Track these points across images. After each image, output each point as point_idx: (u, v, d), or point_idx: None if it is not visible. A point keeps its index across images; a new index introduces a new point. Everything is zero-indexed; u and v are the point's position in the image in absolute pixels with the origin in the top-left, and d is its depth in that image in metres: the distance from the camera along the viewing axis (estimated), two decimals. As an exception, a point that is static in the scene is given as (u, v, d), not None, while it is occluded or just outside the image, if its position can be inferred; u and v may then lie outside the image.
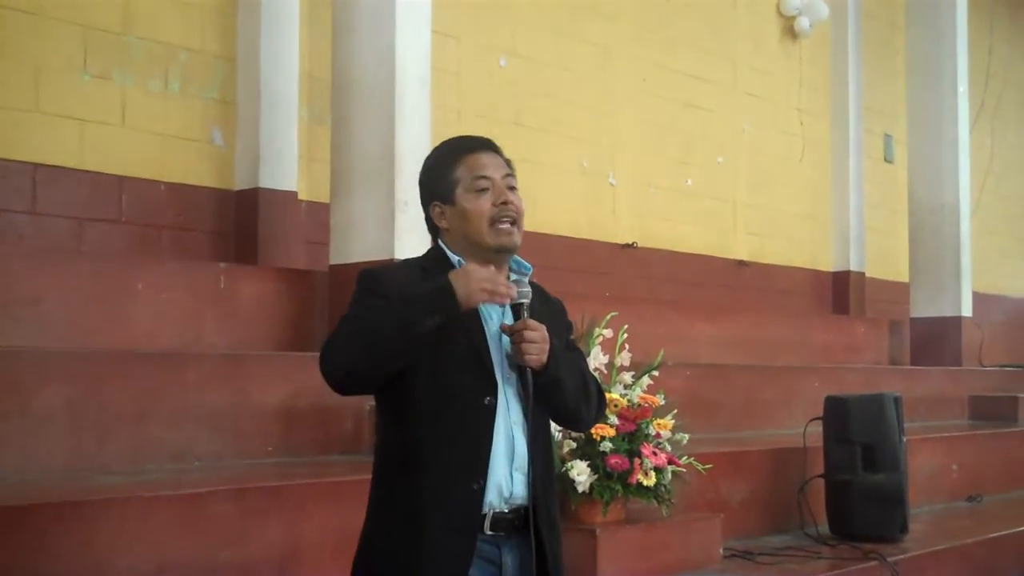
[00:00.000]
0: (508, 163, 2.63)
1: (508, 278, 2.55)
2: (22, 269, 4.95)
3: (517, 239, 2.56)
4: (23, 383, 3.98)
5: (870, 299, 11.40)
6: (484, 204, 2.53)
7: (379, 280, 2.50)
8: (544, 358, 2.45)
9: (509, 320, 2.51)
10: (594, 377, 2.76)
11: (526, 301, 2.48)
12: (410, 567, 2.41)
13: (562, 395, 2.55)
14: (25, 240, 5.73)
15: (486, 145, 2.62)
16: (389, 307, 2.37)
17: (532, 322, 2.46)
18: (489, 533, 2.47)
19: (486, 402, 2.45)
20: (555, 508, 2.60)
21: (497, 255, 2.55)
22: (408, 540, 2.42)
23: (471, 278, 2.36)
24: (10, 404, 3.91)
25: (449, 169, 2.57)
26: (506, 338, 2.48)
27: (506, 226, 2.53)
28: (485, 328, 2.51)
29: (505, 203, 2.53)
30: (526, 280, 2.52)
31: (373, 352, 2.35)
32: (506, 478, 2.47)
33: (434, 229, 2.63)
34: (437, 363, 2.43)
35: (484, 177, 2.54)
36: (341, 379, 2.42)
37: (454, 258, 2.55)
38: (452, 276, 2.37)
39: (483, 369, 2.47)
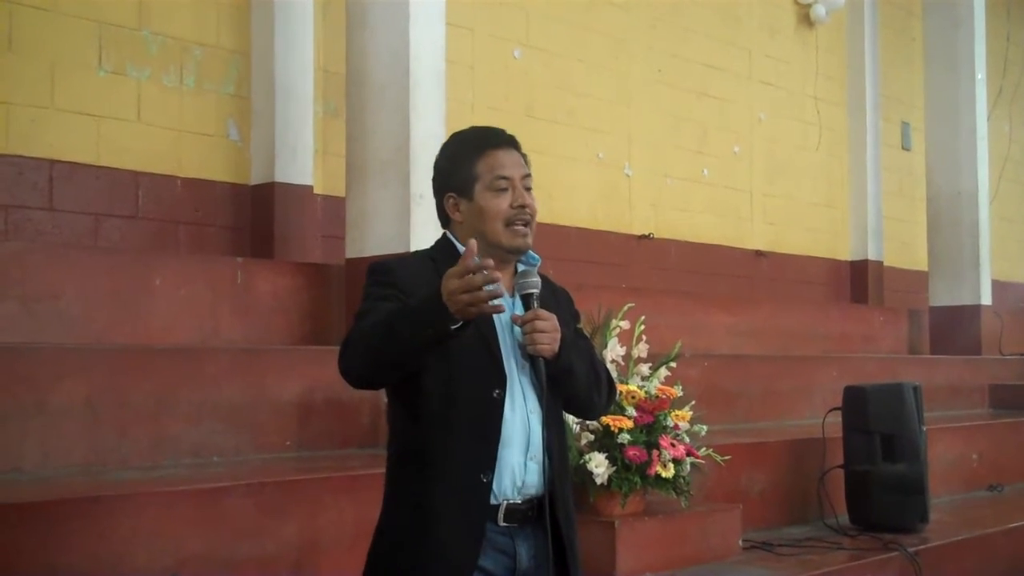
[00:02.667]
0: (526, 159, 2.63)
1: (516, 270, 2.58)
2: (40, 265, 4.96)
3: (530, 240, 2.57)
4: (41, 379, 4.00)
5: (888, 288, 11.35)
6: (502, 204, 2.53)
7: (388, 271, 2.52)
8: (556, 347, 2.46)
9: (519, 310, 2.52)
10: (604, 365, 2.77)
11: (535, 291, 2.48)
12: (419, 559, 2.42)
13: (574, 383, 2.56)
14: (42, 236, 5.75)
15: (508, 142, 2.61)
16: (393, 315, 2.34)
17: (543, 312, 2.46)
18: (503, 524, 2.47)
19: (495, 395, 2.45)
20: (571, 499, 2.61)
21: (508, 254, 2.56)
22: (417, 533, 2.43)
23: (447, 294, 2.24)
24: (29, 400, 3.92)
25: (469, 163, 2.56)
26: (518, 328, 2.48)
27: (520, 227, 2.54)
28: (495, 319, 2.50)
29: (523, 206, 2.54)
30: (535, 270, 2.54)
31: (381, 359, 2.37)
32: (519, 467, 2.47)
33: (445, 218, 2.63)
34: (447, 356, 2.42)
35: (504, 177, 2.54)
36: (356, 380, 2.46)
37: (462, 249, 2.54)
38: (443, 283, 2.26)
39: (493, 361, 2.47)
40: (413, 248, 5.25)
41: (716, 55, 9.82)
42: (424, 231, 5.33)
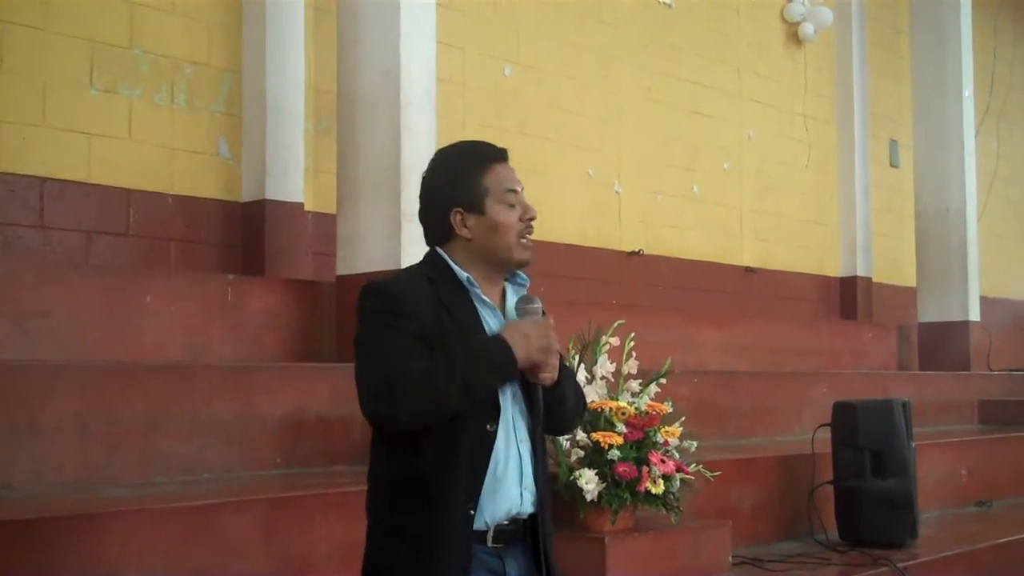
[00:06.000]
0: None
1: (504, 289, 2.59)
2: (31, 282, 4.96)
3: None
4: (32, 396, 4.00)
5: (877, 304, 11.38)
6: (513, 218, 2.52)
7: (392, 299, 2.44)
8: (556, 375, 2.48)
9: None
10: (578, 383, 2.80)
11: (537, 318, 2.49)
12: None
13: (565, 409, 2.60)
14: (33, 254, 5.75)
15: (506, 155, 2.60)
16: (449, 362, 2.33)
17: (546, 326, 2.47)
18: (491, 546, 2.48)
19: (488, 428, 2.45)
20: (551, 516, 2.62)
21: (514, 268, 2.56)
22: (417, 567, 2.41)
23: (531, 344, 2.40)
24: (20, 417, 3.92)
25: (476, 176, 2.53)
26: None
27: (527, 242, 2.54)
28: None
29: (532, 219, 2.55)
30: (537, 299, 2.53)
31: (436, 408, 2.34)
32: (516, 499, 2.49)
33: (443, 235, 2.57)
34: None
35: (513, 191, 2.54)
36: (399, 424, 2.39)
37: (462, 274, 2.51)
38: (509, 336, 2.39)
39: (489, 395, 2.45)
40: (404, 266, 5.26)
41: (705, 73, 9.87)
42: (415, 249, 5.29)
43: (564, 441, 4.43)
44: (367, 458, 2.58)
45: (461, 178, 2.54)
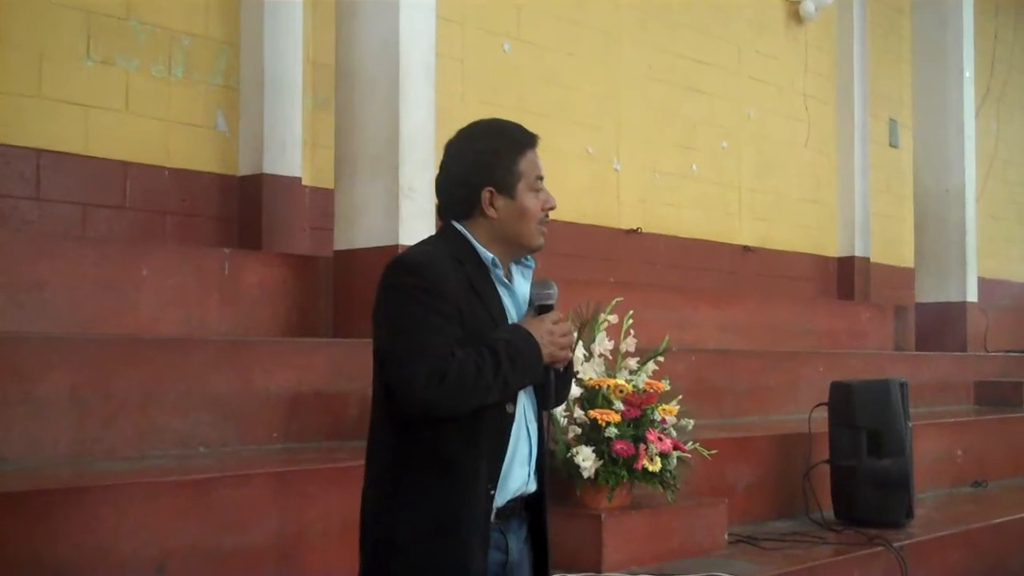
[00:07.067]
0: None
1: (510, 270, 2.58)
2: (26, 255, 4.94)
3: None
4: (27, 369, 3.98)
5: (875, 285, 11.39)
6: (538, 206, 2.54)
7: (432, 279, 2.40)
8: (570, 355, 2.53)
9: (519, 307, 2.56)
10: None
11: (554, 303, 2.52)
12: (444, 572, 2.41)
13: (567, 389, 2.66)
14: (29, 226, 5.73)
15: (537, 142, 2.62)
16: (496, 361, 2.36)
17: (567, 324, 2.52)
18: (495, 522, 2.49)
19: (508, 410, 2.47)
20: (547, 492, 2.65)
21: (529, 253, 2.58)
22: (441, 546, 2.40)
23: (556, 341, 2.46)
24: (15, 390, 3.90)
25: (514, 160, 2.53)
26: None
27: (544, 228, 2.57)
28: None
29: (552, 208, 2.57)
30: (552, 282, 2.55)
31: (480, 403, 2.39)
32: (524, 479, 2.52)
33: (467, 210, 2.53)
34: None
35: (542, 178, 2.57)
36: (448, 415, 2.39)
37: (487, 255, 2.50)
38: (536, 334, 2.44)
39: None
40: (402, 241, 5.26)
41: (705, 51, 9.83)
42: (413, 224, 5.32)
43: (562, 418, 4.43)
44: (364, 433, 2.55)
45: (499, 158, 2.53)
